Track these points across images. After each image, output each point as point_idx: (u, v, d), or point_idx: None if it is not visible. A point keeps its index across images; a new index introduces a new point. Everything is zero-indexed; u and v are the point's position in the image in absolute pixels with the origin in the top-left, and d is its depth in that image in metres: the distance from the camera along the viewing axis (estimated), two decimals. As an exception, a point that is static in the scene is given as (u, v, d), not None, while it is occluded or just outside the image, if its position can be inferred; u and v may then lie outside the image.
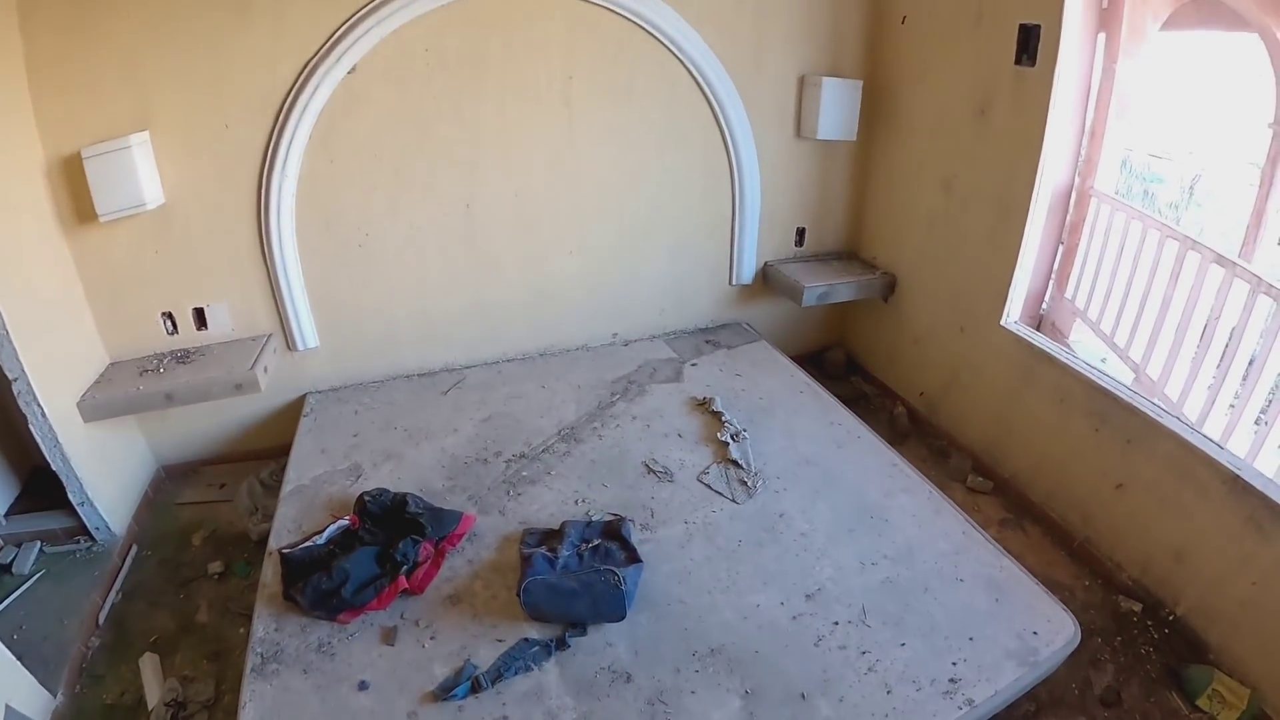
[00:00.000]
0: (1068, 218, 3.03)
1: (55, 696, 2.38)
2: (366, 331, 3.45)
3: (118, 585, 2.89)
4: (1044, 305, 3.22)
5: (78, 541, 2.99)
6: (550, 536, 2.35)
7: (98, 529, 2.97)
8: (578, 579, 2.08)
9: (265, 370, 3.10)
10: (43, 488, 3.11)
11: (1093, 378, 2.62)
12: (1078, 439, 2.69)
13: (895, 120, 3.45)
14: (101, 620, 2.74)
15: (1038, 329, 3.05)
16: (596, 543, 2.25)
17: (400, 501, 2.42)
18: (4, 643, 2.22)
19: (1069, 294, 3.13)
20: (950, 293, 3.25)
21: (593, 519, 2.44)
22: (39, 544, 2.99)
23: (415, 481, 2.74)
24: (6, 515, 3.04)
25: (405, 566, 2.19)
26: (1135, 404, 2.47)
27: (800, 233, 3.81)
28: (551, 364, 3.63)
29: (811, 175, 3.67)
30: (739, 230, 3.67)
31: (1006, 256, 2.89)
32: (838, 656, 1.98)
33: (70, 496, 2.88)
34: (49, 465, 2.83)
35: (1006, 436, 3.05)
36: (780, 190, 3.67)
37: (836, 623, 2.07)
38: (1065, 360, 2.74)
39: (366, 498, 2.45)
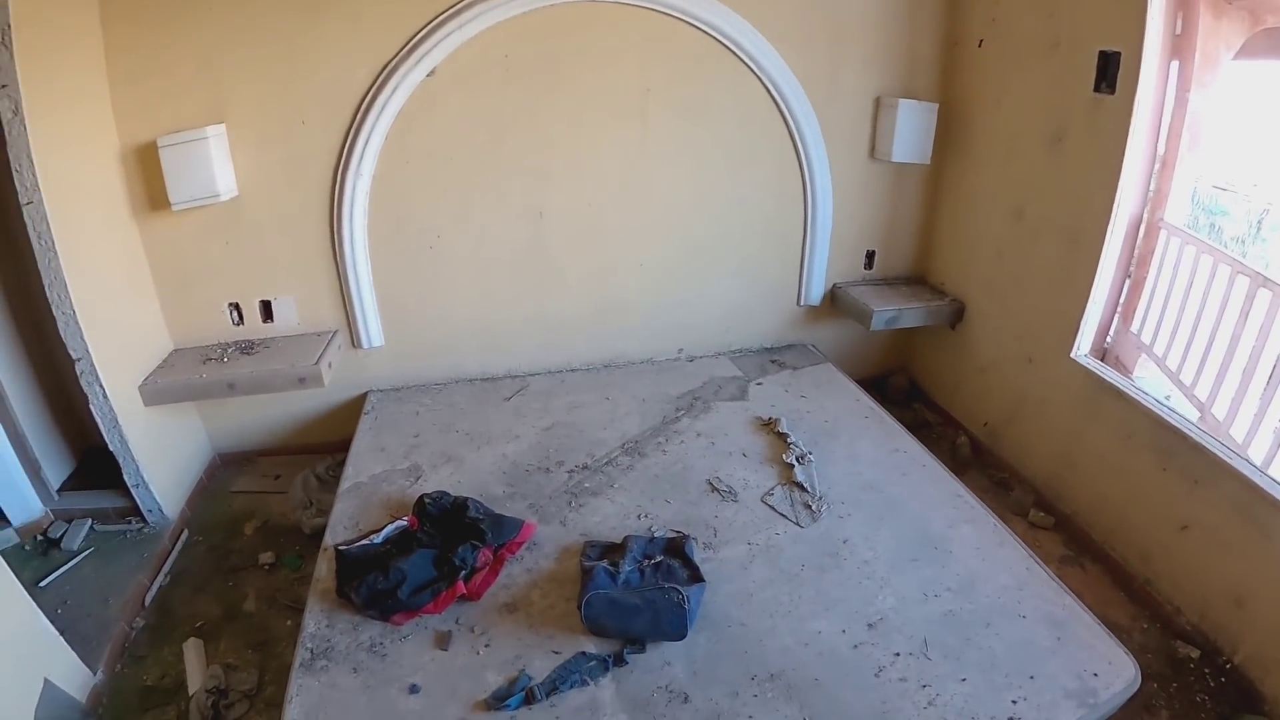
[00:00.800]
0: (1136, 250, 2.94)
1: (95, 674, 2.38)
2: (431, 333, 3.46)
3: (166, 568, 2.91)
4: (1108, 339, 3.13)
5: (129, 522, 3.02)
6: (612, 550, 2.31)
7: (150, 511, 3.00)
8: (641, 595, 2.04)
9: (329, 366, 3.11)
10: (97, 467, 3.15)
11: (1162, 415, 2.53)
12: (1143, 477, 2.60)
13: (968, 145, 3.38)
14: (147, 602, 2.76)
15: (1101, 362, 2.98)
16: (659, 559, 2.20)
17: (460, 505, 2.39)
18: (47, 617, 2.23)
19: (1134, 328, 3.04)
20: (1019, 323, 3.18)
21: (655, 535, 2.40)
22: (90, 521, 3.02)
23: (475, 486, 2.72)
24: (59, 491, 3.08)
25: (463, 571, 2.16)
26: (1204, 443, 2.37)
27: (870, 255, 3.75)
28: (615, 376, 3.60)
29: (883, 198, 3.62)
30: (809, 250, 3.62)
31: (1078, 288, 2.81)
32: (897, 689, 1.91)
33: (125, 477, 2.92)
34: (105, 445, 2.87)
35: (1070, 472, 2.96)
36: (852, 212, 3.61)
37: (898, 654, 2.01)
38: (1134, 396, 2.65)
39: (426, 500, 2.43)
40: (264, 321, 3.25)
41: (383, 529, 2.37)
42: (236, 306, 3.20)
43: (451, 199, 3.21)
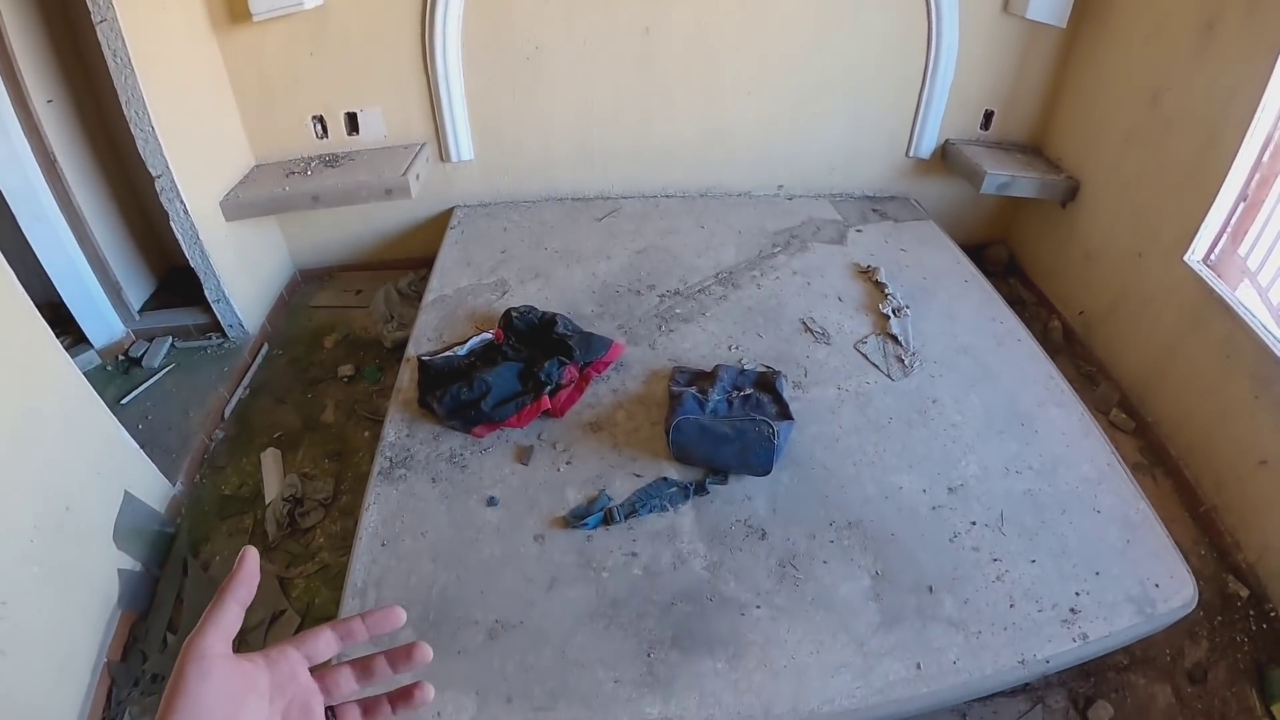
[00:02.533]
0: (1259, 170, 2.70)
1: (174, 485, 2.47)
2: (524, 149, 3.36)
3: (246, 381, 2.97)
4: (1213, 256, 2.93)
5: (209, 338, 3.08)
6: (701, 378, 2.26)
7: (230, 326, 3.05)
8: (730, 424, 1.99)
9: (417, 178, 3.06)
10: (178, 286, 3.19)
11: (1267, 341, 2.35)
12: (1233, 401, 2.45)
13: (1109, 15, 3.07)
14: (226, 414, 2.83)
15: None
16: (748, 392, 2.15)
17: (549, 321, 2.36)
18: (129, 432, 2.30)
19: (1242, 251, 2.83)
20: (1135, 214, 2.96)
21: (746, 367, 2.34)
22: (170, 339, 3.09)
23: (564, 303, 2.69)
24: (140, 311, 3.13)
25: (548, 387, 2.14)
26: None
27: (988, 116, 3.49)
28: (711, 205, 3.50)
29: (1010, 57, 3.32)
30: (926, 100, 3.37)
31: (1205, 189, 2.59)
32: (970, 557, 1.88)
33: (206, 293, 2.95)
34: (186, 265, 2.89)
35: (1160, 379, 2.82)
36: (975, 66, 3.33)
37: (974, 523, 1.96)
38: (1242, 315, 2.47)
39: (514, 313, 2.39)
40: (349, 134, 3.19)
41: (467, 341, 2.35)
42: (320, 119, 3.14)
43: (553, 7, 3.02)
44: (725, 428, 1.98)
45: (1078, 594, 1.81)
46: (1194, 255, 2.70)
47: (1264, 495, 2.31)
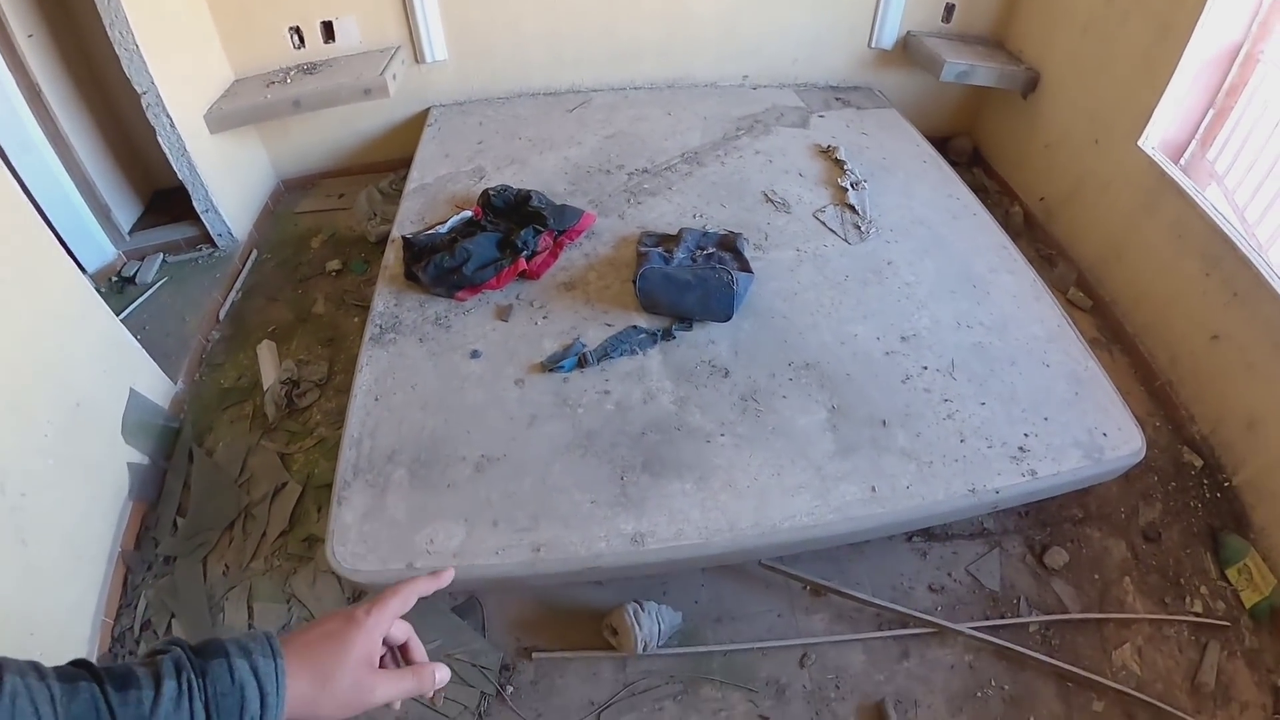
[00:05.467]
0: (1228, 79, 2.79)
1: (176, 383, 2.56)
2: (496, 47, 3.43)
3: (238, 285, 3.06)
4: (1182, 160, 3.04)
5: (199, 249, 3.16)
6: (667, 240, 2.40)
7: (220, 235, 3.13)
8: (693, 273, 2.14)
9: (394, 77, 3.14)
10: (163, 207, 3.26)
11: (1216, 221, 2.45)
12: (1186, 279, 2.57)
13: (1068, -92, 3.13)
14: (222, 316, 2.92)
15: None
16: (711, 250, 2.29)
17: (524, 196, 2.47)
18: None
19: (1210, 156, 2.94)
20: (1092, 103, 3.07)
21: (709, 230, 2.48)
22: (161, 255, 3.14)
23: (538, 183, 2.79)
24: (130, 233, 3.19)
25: (525, 252, 2.27)
26: (1250, 258, 2.31)
27: (949, 9, 3.55)
28: (679, 95, 3.61)
29: None
30: None
31: (1158, 77, 2.68)
32: (921, 397, 2.00)
33: (195, 204, 3.02)
34: (169, 188, 2.96)
35: (1117, 259, 2.94)
36: None
37: (925, 368, 2.08)
38: (1193, 196, 2.57)
39: (491, 191, 2.50)
40: (326, 43, 3.24)
41: (448, 220, 2.47)
42: (297, 30, 3.19)
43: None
44: (688, 275, 2.13)
45: (1026, 435, 1.92)
46: (1147, 141, 2.79)
47: (1217, 369, 2.42)
